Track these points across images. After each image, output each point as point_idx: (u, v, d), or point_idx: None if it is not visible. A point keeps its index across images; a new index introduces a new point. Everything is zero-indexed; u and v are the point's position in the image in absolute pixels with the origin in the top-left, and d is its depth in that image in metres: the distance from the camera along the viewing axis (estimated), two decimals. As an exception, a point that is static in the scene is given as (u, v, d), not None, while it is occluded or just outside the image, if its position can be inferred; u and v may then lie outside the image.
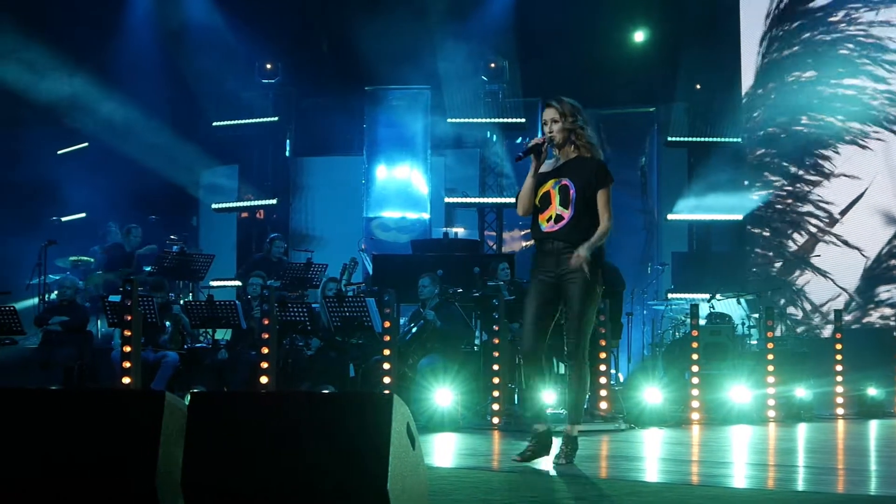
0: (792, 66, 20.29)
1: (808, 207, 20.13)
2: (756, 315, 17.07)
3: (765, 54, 20.30)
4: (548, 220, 7.95)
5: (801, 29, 20.29)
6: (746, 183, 20.36)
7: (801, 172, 20.28)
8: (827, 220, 19.96)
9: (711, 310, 16.68)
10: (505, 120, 20.68)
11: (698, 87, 20.91)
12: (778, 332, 15.84)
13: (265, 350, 12.22)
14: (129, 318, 11.51)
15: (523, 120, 20.62)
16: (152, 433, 5.02)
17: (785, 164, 20.40)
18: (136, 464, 5.04)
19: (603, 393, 12.88)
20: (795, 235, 20.05)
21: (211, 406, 5.17)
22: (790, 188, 20.24)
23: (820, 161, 20.11)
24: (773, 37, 20.30)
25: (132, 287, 11.67)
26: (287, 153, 22.01)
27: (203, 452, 5.02)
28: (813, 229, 20.08)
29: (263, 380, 12.09)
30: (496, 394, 12.57)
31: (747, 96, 20.40)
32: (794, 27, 20.31)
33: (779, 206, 20.25)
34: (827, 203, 20.00)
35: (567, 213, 7.86)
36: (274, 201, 21.31)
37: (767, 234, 20.30)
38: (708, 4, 20.57)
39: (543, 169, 8.02)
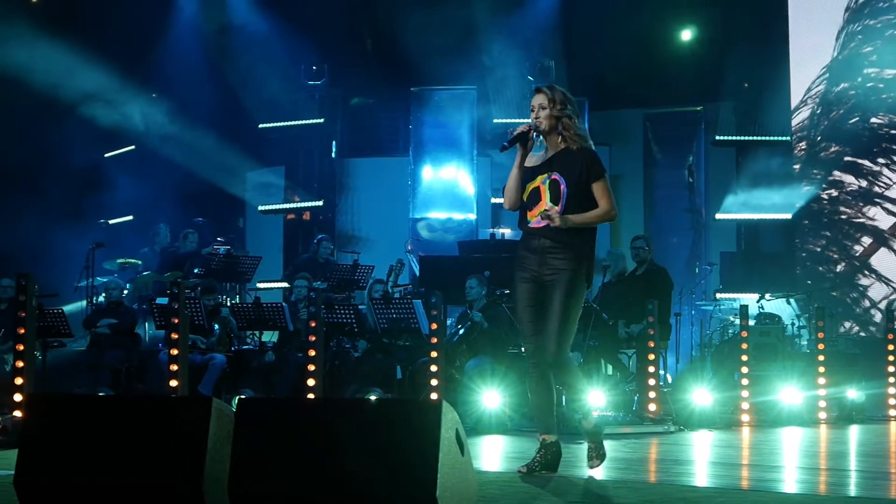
0: (869, 62, 20.08)
1: (874, 210, 19.94)
2: (806, 315, 16.95)
3: (840, 50, 20.08)
4: (536, 216, 7.55)
5: (885, 25, 20.10)
6: (805, 186, 20.14)
7: (874, 169, 20.06)
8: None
9: (761, 310, 16.55)
10: (551, 120, 20.54)
11: (746, 85, 20.76)
12: (829, 333, 15.65)
13: (312, 352, 12.21)
14: (177, 320, 11.51)
15: (570, 119, 20.48)
16: (200, 439, 5.02)
17: (852, 161, 20.18)
18: (184, 469, 5.04)
19: (652, 395, 12.78)
20: (856, 236, 19.85)
21: (258, 412, 5.16)
22: (854, 188, 20.01)
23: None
24: (851, 32, 20.08)
25: (179, 290, 11.67)
26: (333, 154, 21.99)
27: (250, 458, 5.01)
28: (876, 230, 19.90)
29: (310, 382, 12.07)
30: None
31: (811, 91, 20.19)
32: (876, 23, 20.11)
33: (839, 207, 20.04)
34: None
35: (556, 210, 7.43)
36: (320, 203, 21.29)
37: (823, 233, 20.10)
38: (756, 1, 20.40)
39: (532, 162, 7.67)
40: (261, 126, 21.59)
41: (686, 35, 21.43)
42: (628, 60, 20.54)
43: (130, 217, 21.29)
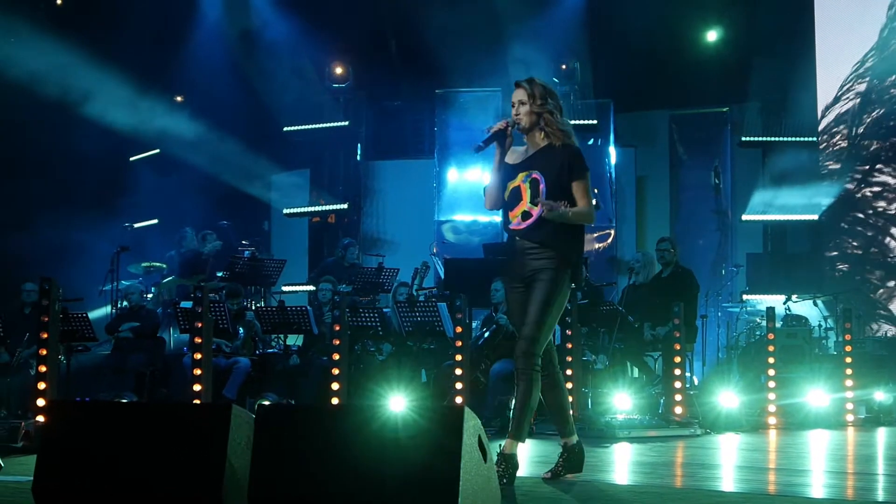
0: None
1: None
2: (832, 317, 16.86)
3: (883, 46, 19.95)
4: (517, 217, 7.30)
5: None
6: (833, 185, 19.97)
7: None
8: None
9: (787, 312, 16.47)
10: (577, 122, 20.46)
11: (772, 85, 20.66)
12: (857, 334, 15.53)
13: (336, 356, 12.17)
14: (200, 324, 11.49)
15: (595, 122, 20.48)
16: (219, 446, 4.99)
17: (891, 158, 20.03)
18: (203, 476, 5.01)
19: (678, 398, 12.70)
20: (884, 239, 19.70)
21: (278, 418, 5.12)
22: (889, 186, 19.86)
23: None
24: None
25: (203, 294, 11.65)
26: (358, 157, 21.99)
27: (270, 465, 4.97)
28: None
29: (335, 386, 12.04)
30: (569, 399, 12.43)
31: (847, 88, 20.06)
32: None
33: (869, 205, 19.88)
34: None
35: (536, 210, 7.18)
36: (345, 206, 21.26)
37: (851, 233, 19.96)
38: (782, 1, 20.29)
39: (513, 160, 7.37)
40: (286, 129, 21.60)
41: (712, 36, 21.34)
42: (654, 62, 20.51)
43: (155, 221, 21.29)
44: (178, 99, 22.45)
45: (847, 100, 20.09)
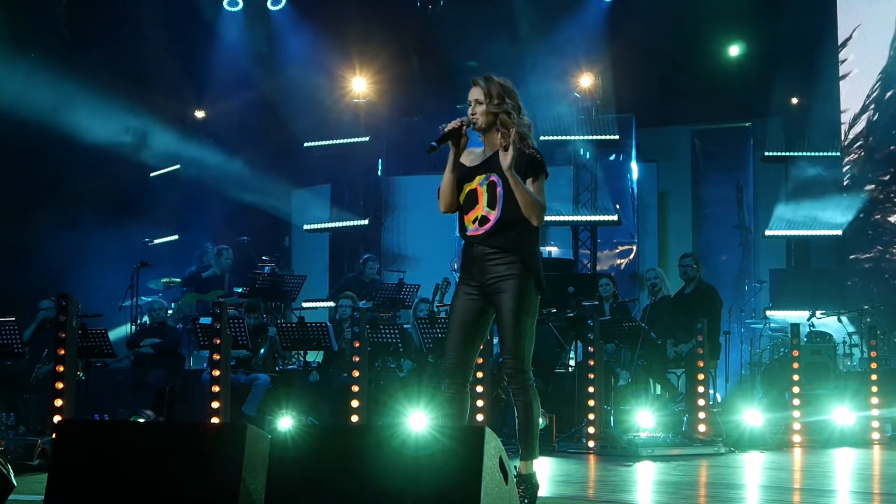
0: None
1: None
2: (857, 333, 16.73)
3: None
4: (473, 222, 6.89)
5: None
6: (856, 197, 19.86)
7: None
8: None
9: (811, 328, 16.31)
10: (598, 137, 20.41)
11: (795, 100, 20.56)
12: (882, 351, 15.35)
13: (356, 373, 12.06)
14: (219, 340, 11.41)
15: (617, 137, 20.35)
16: (234, 466, 4.89)
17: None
18: (218, 496, 4.91)
19: (701, 415, 12.59)
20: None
21: (294, 438, 5.02)
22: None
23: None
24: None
25: (221, 310, 11.57)
26: (379, 172, 21.93)
27: (286, 485, 4.88)
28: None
29: (354, 403, 11.94)
30: (591, 416, 12.35)
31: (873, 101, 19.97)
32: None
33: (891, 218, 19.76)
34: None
35: (493, 215, 6.80)
36: (366, 221, 21.17)
37: (876, 247, 19.84)
38: (804, 17, 20.17)
39: (469, 161, 6.99)
40: (306, 145, 21.54)
41: (734, 51, 21.23)
42: (676, 76, 20.46)
43: (175, 237, 21.26)
44: (199, 115, 22.43)
45: (870, 113, 19.99)
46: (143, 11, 20.02)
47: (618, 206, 20.58)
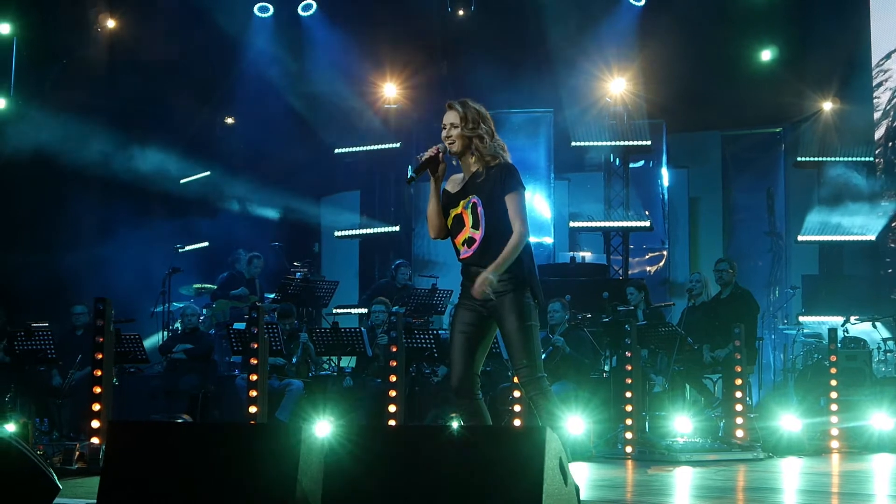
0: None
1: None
2: (891, 339, 16.64)
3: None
4: (463, 244, 7.10)
5: None
6: (887, 202, 19.77)
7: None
8: None
9: (846, 334, 16.22)
10: (630, 143, 20.34)
11: (827, 105, 20.46)
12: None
13: (393, 378, 12.03)
14: (256, 345, 11.38)
15: (648, 142, 20.27)
16: (290, 468, 4.87)
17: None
18: (274, 497, 4.88)
19: (739, 420, 12.52)
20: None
21: (351, 440, 4.98)
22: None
23: None
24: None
25: (259, 314, 11.55)
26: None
27: (342, 487, 4.84)
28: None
29: (391, 408, 11.90)
30: (629, 422, 12.29)
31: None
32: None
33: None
34: None
35: (478, 234, 6.98)
36: (397, 228, 21.13)
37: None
38: (836, 20, 20.09)
39: (453, 188, 7.17)
40: (337, 151, 21.52)
41: (766, 55, 21.12)
42: (707, 82, 20.35)
43: (206, 244, 21.27)
44: (229, 121, 22.45)
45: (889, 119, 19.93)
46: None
47: (647, 213, 20.52)
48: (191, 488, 5.04)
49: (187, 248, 20.02)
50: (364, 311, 17.54)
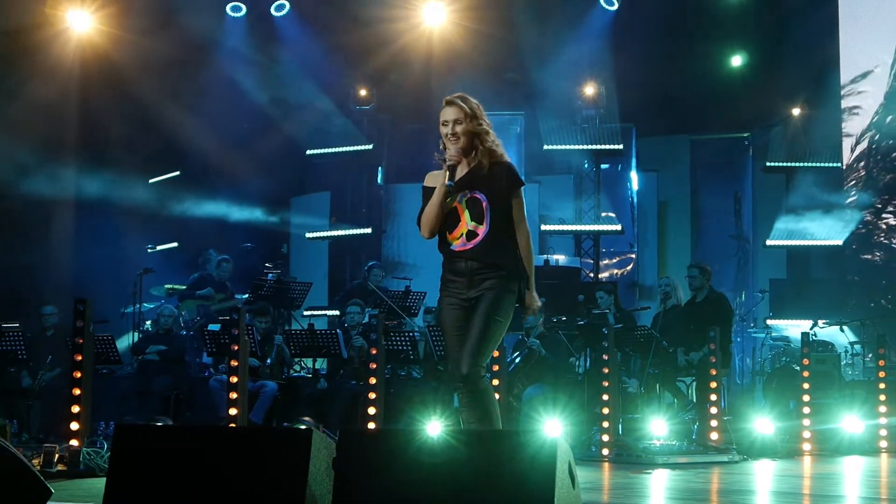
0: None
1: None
2: (858, 343, 16.80)
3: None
4: (459, 238, 7.02)
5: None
6: (857, 211, 19.90)
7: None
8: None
9: (814, 337, 16.35)
10: (602, 146, 20.40)
11: (796, 111, 20.61)
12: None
13: (373, 380, 12.01)
14: (237, 347, 11.37)
15: (620, 146, 20.34)
16: (300, 471, 4.88)
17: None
18: (283, 502, 4.89)
19: (714, 423, 12.60)
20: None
21: (361, 443, 5.01)
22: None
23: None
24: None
25: (240, 316, 11.53)
26: (379, 180, 21.89)
27: (353, 490, 4.86)
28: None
29: (371, 410, 11.89)
30: (605, 424, 12.35)
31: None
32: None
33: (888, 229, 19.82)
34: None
35: (482, 229, 6.96)
36: (368, 230, 21.10)
37: (876, 258, 19.89)
38: (806, 26, 20.23)
39: (435, 182, 7.10)
40: (309, 152, 21.48)
41: (736, 61, 21.27)
42: (677, 86, 20.45)
43: (175, 244, 21.21)
44: (200, 121, 22.36)
45: (872, 126, 20.07)
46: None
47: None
48: (196, 494, 5.04)
49: (158, 248, 19.96)
50: (336, 312, 17.54)
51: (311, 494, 4.86)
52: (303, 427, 11.89)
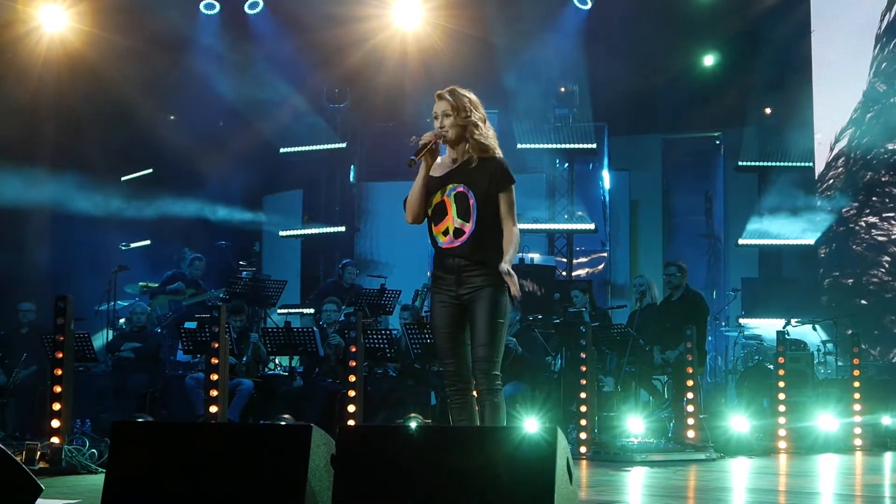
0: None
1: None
2: (830, 342, 16.91)
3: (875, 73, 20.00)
4: (445, 234, 7.02)
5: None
6: (830, 211, 19.98)
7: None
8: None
9: (786, 336, 16.44)
10: (575, 146, 20.42)
11: (768, 111, 20.72)
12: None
13: (352, 378, 12.01)
14: (216, 345, 11.35)
15: (594, 146, 20.36)
16: (299, 468, 4.89)
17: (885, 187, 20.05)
18: (283, 499, 4.90)
19: (691, 421, 12.65)
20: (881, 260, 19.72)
21: (360, 440, 5.03)
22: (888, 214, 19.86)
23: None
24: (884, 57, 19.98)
25: (220, 313, 11.51)
26: (352, 178, 21.88)
27: (352, 487, 4.87)
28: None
29: (351, 408, 11.89)
30: (583, 422, 12.38)
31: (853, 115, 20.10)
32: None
33: (866, 232, 19.91)
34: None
35: (468, 227, 6.95)
36: (342, 228, 21.08)
37: (849, 258, 19.98)
38: (778, 27, 20.32)
39: (437, 172, 7.13)
40: (282, 150, 21.42)
41: (709, 60, 21.35)
42: (650, 86, 20.50)
43: (147, 242, 21.16)
44: (172, 118, 22.30)
45: (852, 130, 20.13)
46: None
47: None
48: (196, 491, 5.04)
49: (132, 245, 19.91)
50: (311, 311, 17.53)
51: (311, 491, 4.87)
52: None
